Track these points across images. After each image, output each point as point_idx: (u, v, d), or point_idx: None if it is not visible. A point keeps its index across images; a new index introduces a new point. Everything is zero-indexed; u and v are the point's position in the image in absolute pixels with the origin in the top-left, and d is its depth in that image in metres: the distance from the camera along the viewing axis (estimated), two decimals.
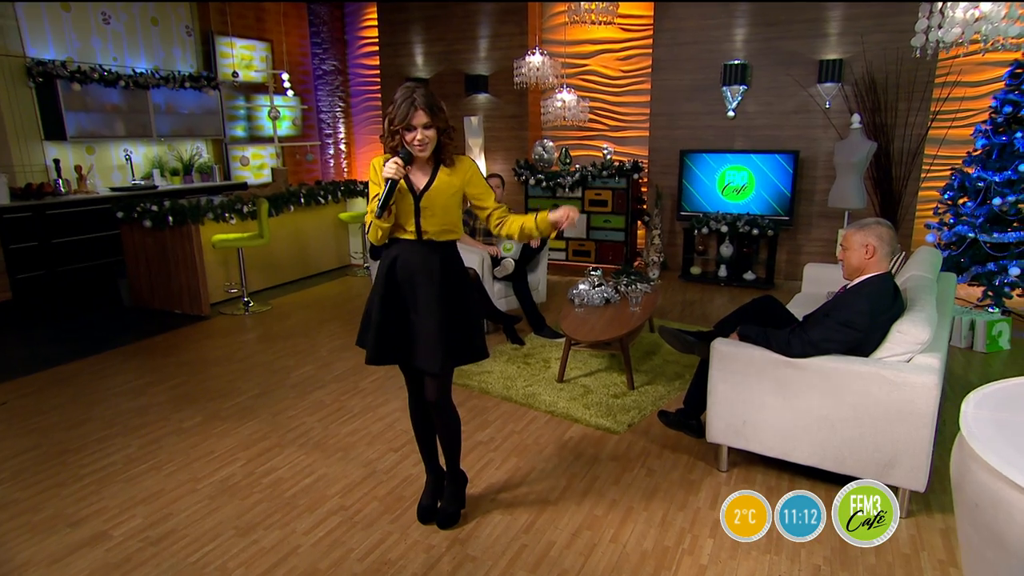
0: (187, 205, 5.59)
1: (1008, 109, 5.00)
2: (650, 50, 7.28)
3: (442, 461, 2.79)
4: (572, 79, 7.64)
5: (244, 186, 8.27)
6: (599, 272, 4.73)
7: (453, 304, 2.46)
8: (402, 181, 2.38)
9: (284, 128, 9.12)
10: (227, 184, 8.19)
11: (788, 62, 6.53)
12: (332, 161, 10.08)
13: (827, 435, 2.76)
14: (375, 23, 9.12)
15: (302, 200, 6.56)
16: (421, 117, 2.30)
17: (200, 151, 8.19)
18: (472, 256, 4.99)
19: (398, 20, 8.24)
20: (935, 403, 2.53)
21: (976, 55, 5.76)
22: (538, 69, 6.79)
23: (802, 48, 6.46)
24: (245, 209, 5.94)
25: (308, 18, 9.56)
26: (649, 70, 7.35)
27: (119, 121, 7.22)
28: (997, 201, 4.95)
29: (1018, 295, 5.17)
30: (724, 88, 6.79)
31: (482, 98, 7.94)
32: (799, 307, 3.80)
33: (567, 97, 6.90)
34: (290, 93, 8.52)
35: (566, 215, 2.37)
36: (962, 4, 3.35)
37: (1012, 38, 3.37)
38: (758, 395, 2.87)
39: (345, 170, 10.23)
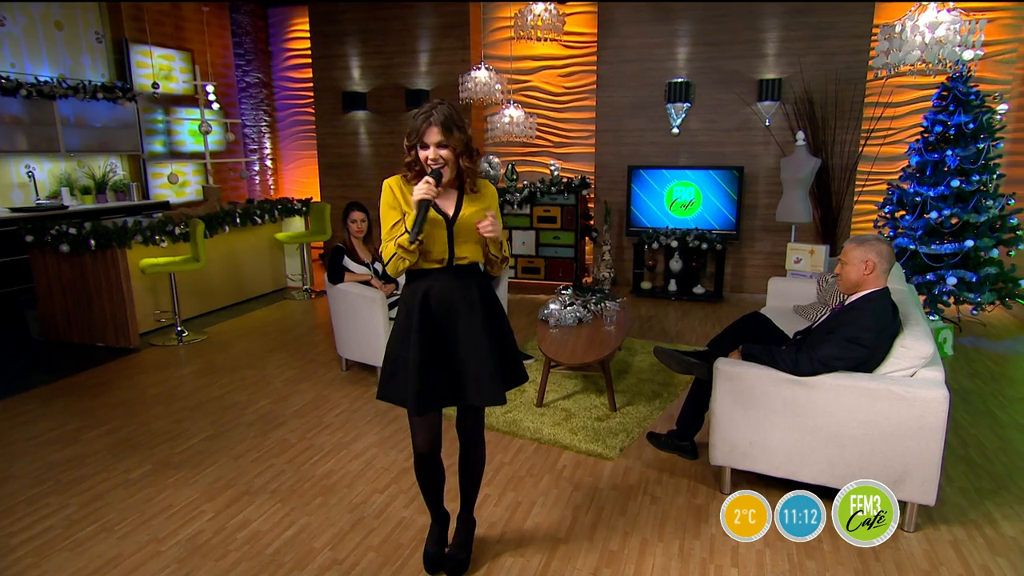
0: (112, 227, 5.08)
1: (939, 129, 5.30)
2: (592, 67, 7.33)
3: (448, 506, 2.58)
4: (514, 95, 7.57)
5: (166, 205, 7.69)
6: (570, 291, 4.63)
7: (496, 329, 2.31)
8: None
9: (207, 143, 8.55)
10: (146, 203, 7.57)
11: (729, 81, 6.72)
12: (259, 178, 9.56)
13: (836, 453, 2.74)
14: (303, 35, 8.76)
15: (238, 220, 6.13)
16: (434, 135, 2.12)
17: (114, 168, 7.54)
18: None
19: (332, 32, 7.92)
20: (945, 417, 2.55)
21: (901, 77, 6.12)
22: (485, 84, 6.67)
23: (742, 67, 6.67)
24: (177, 231, 5.47)
25: (231, 28, 9.07)
26: (591, 87, 7.39)
27: (20, 134, 6.53)
28: (934, 215, 5.22)
29: (953, 303, 5.45)
30: (668, 105, 6.90)
31: None
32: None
33: (515, 113, 6.81)
34: (215, 106, 8.01)
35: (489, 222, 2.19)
36: (921, 27, 3.50)
37: (968, 61, 3.56)
38: (765, 415, 2.83)
39: (272, 188, 9.73)
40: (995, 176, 5.29)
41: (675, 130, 6.94)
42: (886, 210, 5.64)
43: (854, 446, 2.70)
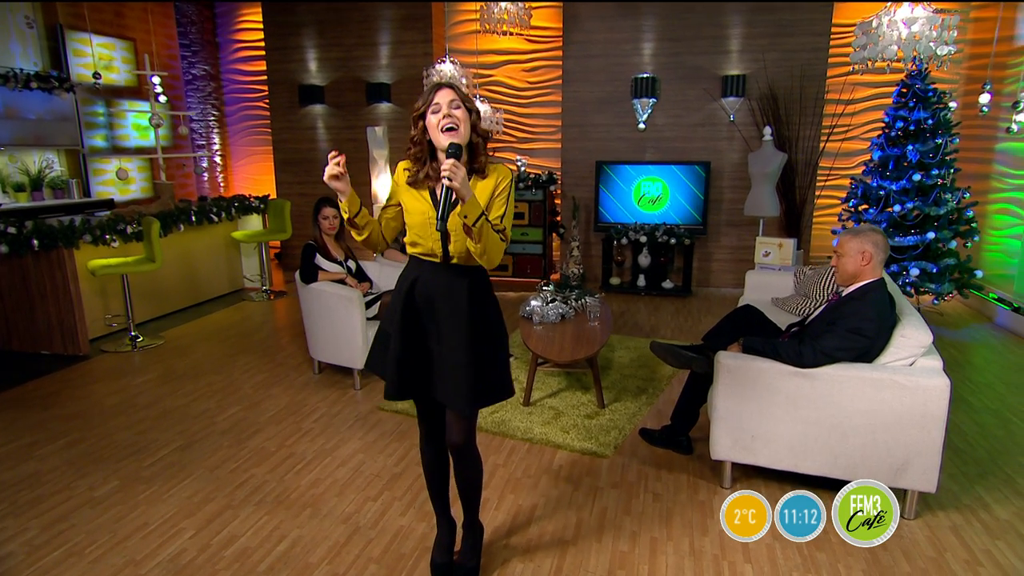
0: (58, 226, 4.73)
1: (900, 124, 5.45)
2: (556, 62, 7.29)
3: (454, 512, 2.47)
4: (478, 89, 7.46)
5: (111, 204, 7.26)
6: (551, 287, 4.55)
7: (482, 336, 2.14)
8: (426, 193, 2.08)
9: (151, 138, 8.13)
10: (88, 201, 7.14)
11: (694, 77, 6.77)
12: (207, 176, 9.16)
13: (839, 443, 2.75)
14: (254, 25, 8.44)
15: (193, 218, 5.82)
16: (448, 94, 2.01)
17: (51, 163, 7.07)
18: None
19: (287, 23, 7.63)
20: (947, 405, 2.59)
21: (866, 74, 6.30)
22: (451, 78, 6.53)
23: (706, 63, 6.73)
24: (129, 229, 5.14)
25: (175, 17, 8.64)
26: (556, 81, 7.35)
27: None
28: (897, 208, 5.37)
29: (915, 293, 5.63)
30: (634, 101, 6.91)
31: (384, 107, 7.54)
32: None
33: (482, 107, 6.69)
34: (163, 99, 7.59)
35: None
36: (897, 22, 3.57)
37: (942, 56, 3.65)
38: (768, 408, 2.81)
39: (222, 185, 9.34)
40: (952, 171, 5.47)
41: (641, 125, 6.95)
42: (850, 204, 5.78)
43: (857, 436, 2.72)
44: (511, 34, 6.86)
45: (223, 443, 3.48)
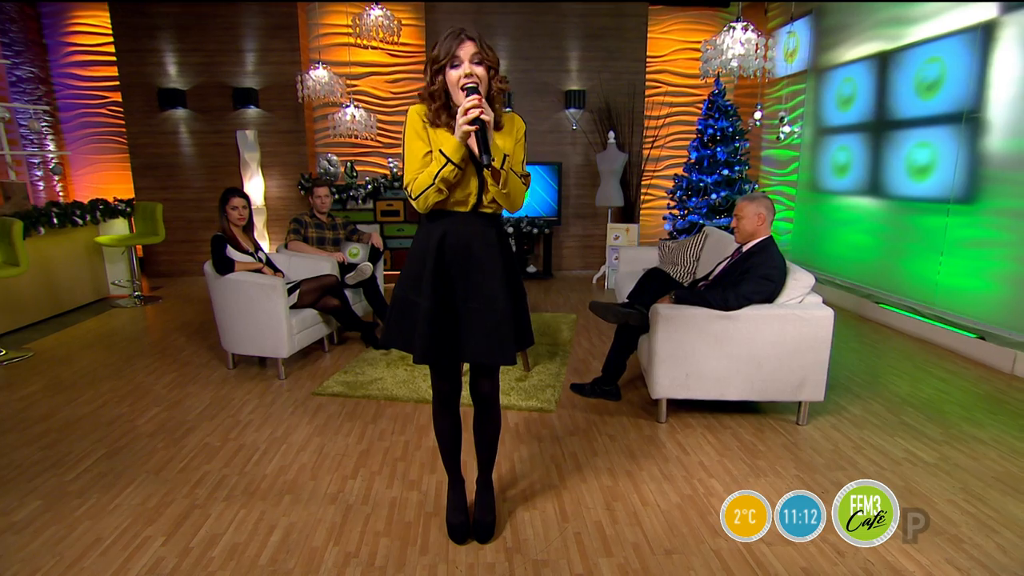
0: None
1: (710, 131, 6.00)
2: (418, 75, 7.00)
3: (465, 472, 2.19)
4: (349, 96, 6.90)
5: None
6: None
7: (513, 284, 1.92)
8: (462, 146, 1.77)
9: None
10: None
11: (542, 91, 6.88)
12: (43, 183, 7.45)
13: (755, 372, 2.90)
14: (90, 29, 7.01)
15: (55, 220, 4.65)
16: (470, 47, 1.74)
17: None
18: (323, 263, 4.14)
19: (140, 25, 6.44)
20: (831, 330, 2.84)
21: (661, 95, 6.83)
22: (326, 83, 5.95)
23: (552, 80, 6.87)
24: None
25: None
26: (416, 94, 7.03)
27: None
28: (714, 196, 5.90)
29: None
30: None
31: (252, 112, 6.68)
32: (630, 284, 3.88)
33: (357, 112, 6.19)
34: None
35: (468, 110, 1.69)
36: (739, 42, 3.89)
37: (769, 70, 4.04)
38: (700, 347, 2.88)
39: (60, 193, 7.66)
40: (746, 167, 6.15)
41: None
42: (677, 194, 6.24)
43: (768, 363, 2.88)
44: (375, 47, 6.45)
45: (156, 445, 2.79)
